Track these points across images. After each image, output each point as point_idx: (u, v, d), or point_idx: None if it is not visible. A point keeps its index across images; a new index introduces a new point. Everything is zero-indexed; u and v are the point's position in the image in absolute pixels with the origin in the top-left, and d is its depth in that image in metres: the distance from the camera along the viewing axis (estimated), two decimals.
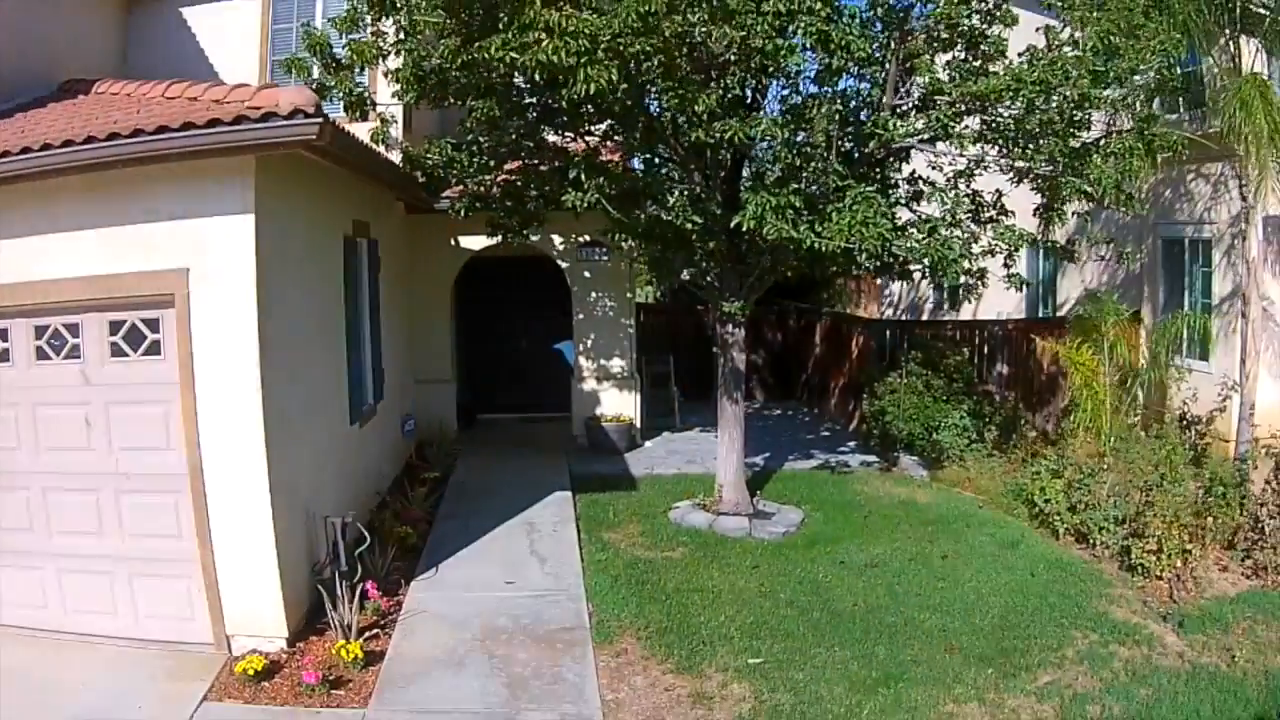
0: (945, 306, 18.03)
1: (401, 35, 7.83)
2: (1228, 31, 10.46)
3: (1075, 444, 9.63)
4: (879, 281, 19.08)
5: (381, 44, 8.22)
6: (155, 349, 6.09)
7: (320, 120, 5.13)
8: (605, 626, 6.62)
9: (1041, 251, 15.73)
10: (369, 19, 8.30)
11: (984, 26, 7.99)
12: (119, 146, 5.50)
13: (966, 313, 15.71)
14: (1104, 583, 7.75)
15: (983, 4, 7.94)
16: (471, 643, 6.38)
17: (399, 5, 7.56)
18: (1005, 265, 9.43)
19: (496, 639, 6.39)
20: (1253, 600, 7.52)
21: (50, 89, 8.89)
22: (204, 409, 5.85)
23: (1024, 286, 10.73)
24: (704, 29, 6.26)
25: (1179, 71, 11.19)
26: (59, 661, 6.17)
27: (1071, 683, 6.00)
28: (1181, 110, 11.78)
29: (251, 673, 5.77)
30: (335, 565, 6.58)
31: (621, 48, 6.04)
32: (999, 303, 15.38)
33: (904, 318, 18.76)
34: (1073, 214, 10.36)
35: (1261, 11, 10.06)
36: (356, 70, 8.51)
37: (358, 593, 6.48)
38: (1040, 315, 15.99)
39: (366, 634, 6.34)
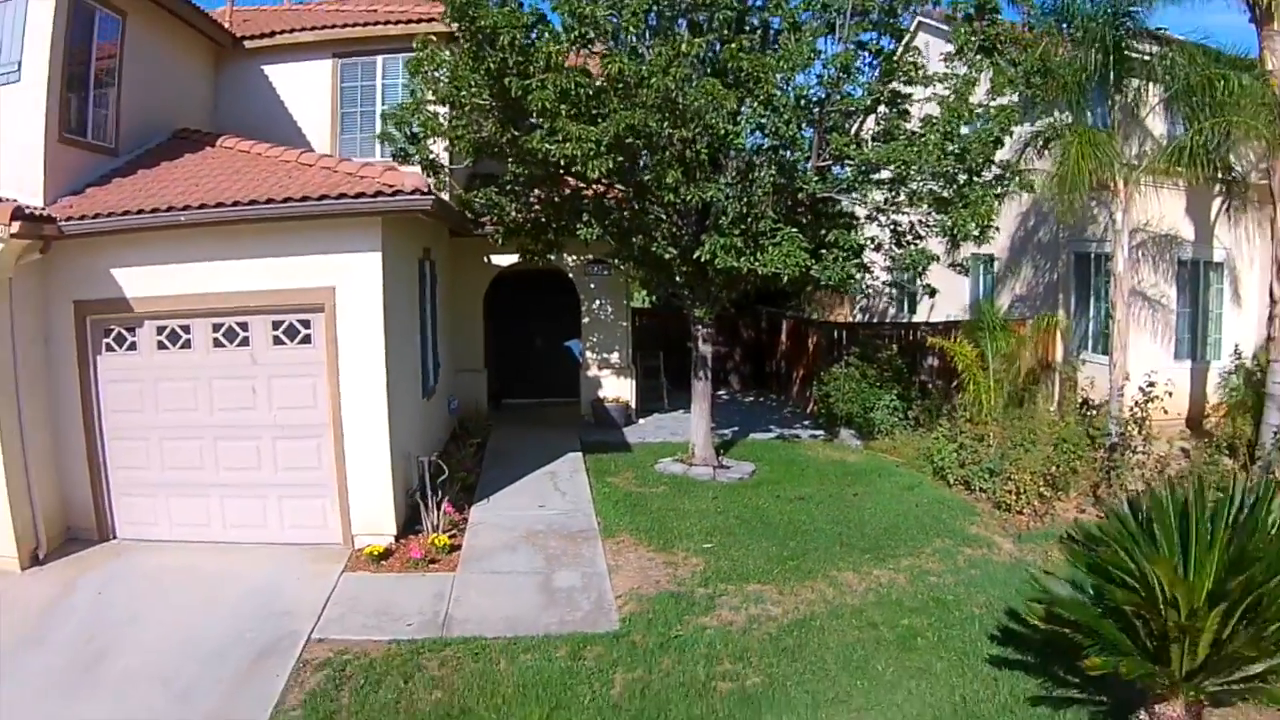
0: (905, 310, 21.03)
1: (458, 115, 10.77)
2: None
3: (964, 417, 12.55)
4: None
5: (442, 120, 11.14)
6: (307, 340, 9.01)
7: (432, 197, 8.05)
8: (608, 528, 9.56)
9: (983, 265, 18.81)
10: (432, 105, 11.24)
11: (887, 108, 10.93)
12: (301, 206, 8.42)
13: (925, 315, 18.79)
14: (973, 514, 10.62)
15: (881, 90, 10.86)
16: (519, 538, 9.33)
17: (460, 102, 10.48)
18: (918, 279, 12.40)
19: (536, 536, 9.35)
20: (1080, 525, 10.46)
21: (165, 136, 11.68)
22: (344, 380, 8.77)
23: (934, 294, 13.63)
24: (671, 130, 9.23)
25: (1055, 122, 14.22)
26: (226, 560, 9.00)
27: (923, 565, 8.87)
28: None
29: (374, 555, 8.67)
30: (423, 489, 9.52)
31: (616, 144, 9.00)
32: (948, 307, 18.39)
33: (863, 319, 21.69)
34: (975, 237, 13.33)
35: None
36: (426, 139, 11.45)
37: (440, 508, 9.41)
38: (974, 320, 18.95)
39: (446, 534, 9.28)
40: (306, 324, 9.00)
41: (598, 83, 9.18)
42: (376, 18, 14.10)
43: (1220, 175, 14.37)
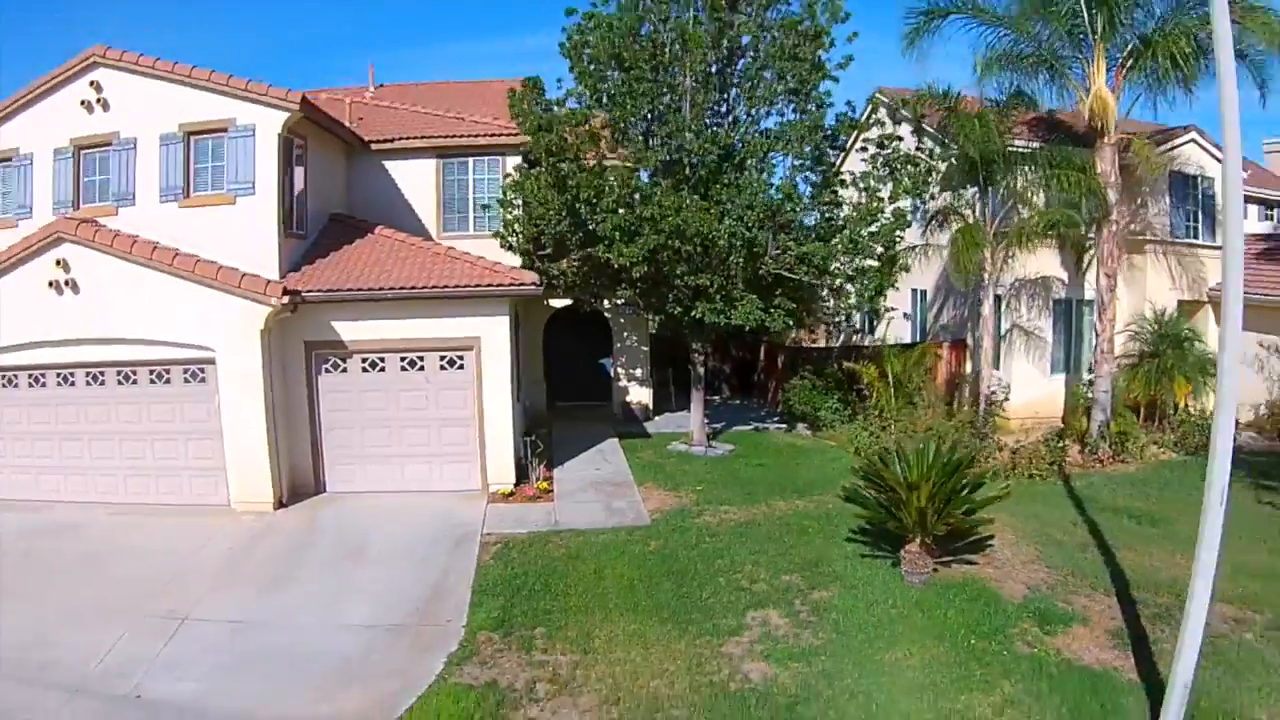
0: (869, 332, 27.14)
1: (542, 221, 16.96)
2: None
3: (874, 414, 18.66)
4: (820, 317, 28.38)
5: (532, 225, 17.32)
6: (461, 367, 15.19)
7: (542, 286, 14.25)
8: (638, 480, 15.77)
9: (920, 297, 24.92)
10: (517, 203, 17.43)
11: (818, 214, 17.07)
12: (461, 289, 14.59)
13: (883, 335, 25.05)
14: None
15: (814, 203, 17.00)
16: (586, 485, 15.56)
17: (545, 216, 16.67)
18: (871, 310, 18.59)
19: (596, 484, 15.58)
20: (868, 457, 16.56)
21: (324, 219, 17.86)
22: (485, 391, 14.96)
23: (874, 326, 19.86)
24: (679, 244, 15.47)
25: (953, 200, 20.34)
26: (410, 500, 15.06)
27: (824, 499, 14.83)
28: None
29: (503, 494, 14.85)
30: (526, 457, 15.68)
31: (648, 255, 15.24)
32: (900, 332, 24.62)
33: (835, 341, 27.82)
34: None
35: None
36: (516, 226, 17.63)
37: (538, 468, 15.58)
38: (913, 342, 25.11)
39: (544, 483, 15.42)
40: (461, 358, 15.17)
41: (636, 211, 15.42)
42: (468, 130, 20.30)
43: (1076, 237, 20.48)
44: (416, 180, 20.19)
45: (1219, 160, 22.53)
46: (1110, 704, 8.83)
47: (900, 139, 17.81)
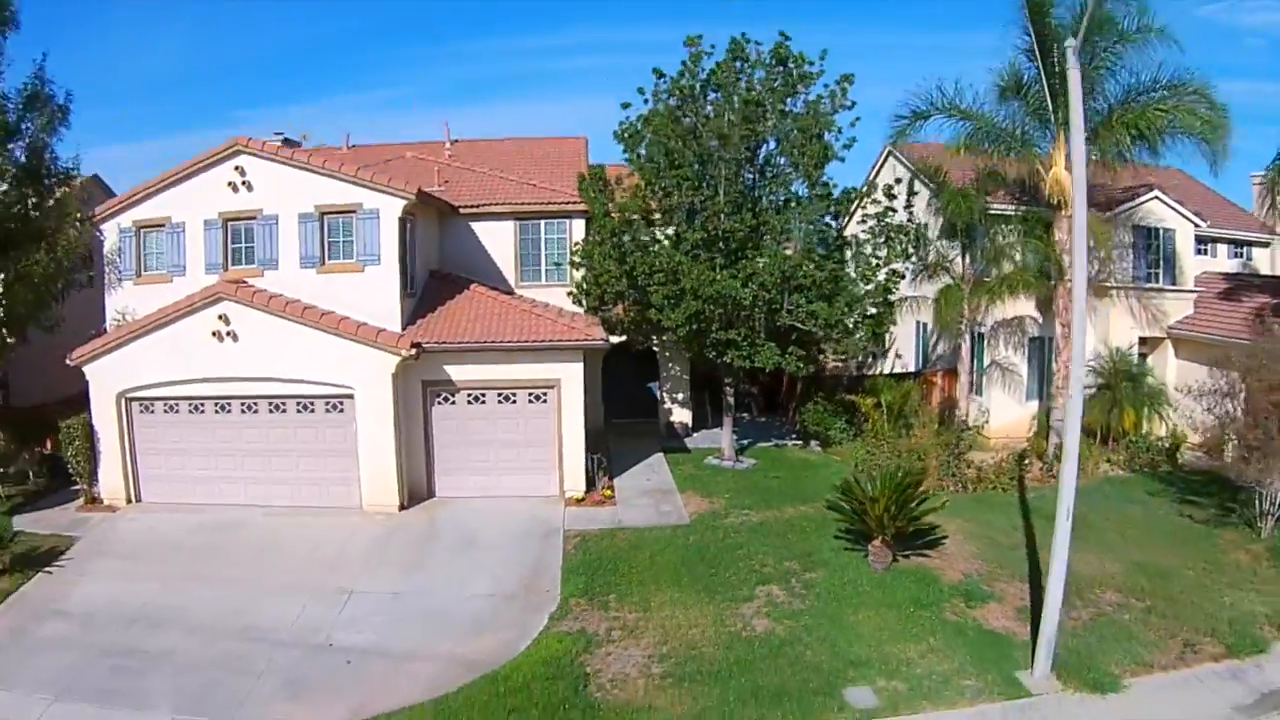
0: (880, 357, 31.34)
1: (598, 277, 21.43)
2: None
3: (872, 435, 22.91)
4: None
5: (589, 277, 21.81)
6: (545, 401, 19.71)
7: (610, 343, 18.74)
8: (680, 489, 20.19)
9: (922, 329, 29.14)
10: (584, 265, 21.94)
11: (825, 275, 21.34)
12: (545, 344, 19.14)
13: (890, 364, 29.30)
14: None
15: (824, 267, 21.25)
16: (641, 492, 20.03)
17: (601, 274, 21.13)
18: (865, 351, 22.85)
19: (648, 492, 20.04)
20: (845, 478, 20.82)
21: (425, 275, 22.45)
22: (564, 419, 19.46)
23: (878, 357, 24.13)
24: (713, 307, 19.86)
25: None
26: (504, 504, 19.51)
27: (824, 506, 19.28)
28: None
29: (576, 499, 19.33)
30: (594, 470, 20.17)
31: (690, 316, 19.69)
32: (907, 358, 28.90)
33: (850, 368, 32.04)
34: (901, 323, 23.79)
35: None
36: (584, 286, 22.10)
37: (602, 479, 20.07)
38: (916, 370, 29.32)
39: (607, 490, 19.92)
40: (545, 394, 19.70)
41: (680, 283, 19.87)
42: (539, 197, 24.78)
43: (1045, 286, 24.55)
44: (497, 238, 24.74)
45: (1181, 215, 26.59)
46: (1003, 654, 13.10)
47: (894, 210, 22.04)
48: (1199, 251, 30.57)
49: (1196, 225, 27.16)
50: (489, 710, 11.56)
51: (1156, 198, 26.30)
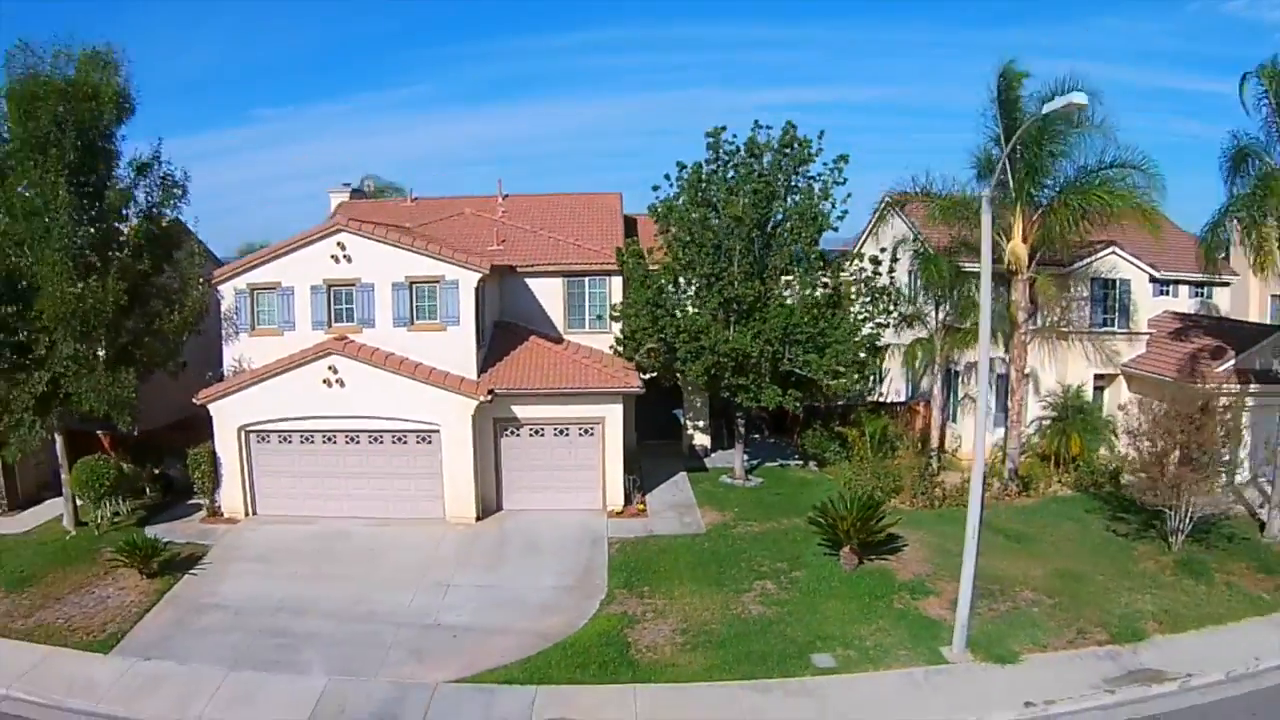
0: (877, 384, 36.21)
1: (634, 332, 26.53)
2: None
3: (859, 458, 27.81)
4: None
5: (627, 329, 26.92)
6: (592, 434, 24.82)
7: (643, 388, 23.86)
8: (699, 504, 25.25)
9: (911, 369, 33.97)
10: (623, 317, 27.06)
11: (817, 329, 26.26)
12: (592, 389, 24.29)
13: (887, 392, 34.21)
14: None
15: (817, 324, 26.17)
16: (668, 506, 25.17)
17: (638, 330, 26.24)
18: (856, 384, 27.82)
19: (673, 506, 25.14)
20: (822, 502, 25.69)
21: (491, 325, 27.63)
22: (607, 448, 24.58)
23: (873, 388, 29.06)
24: (726, 360, 24.92)
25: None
26: (558, 515, 24.60)
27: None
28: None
29: (615, 513, 24.43)
30: (630, 486, 25.26)
31: (708, 367, 24.79)
32: (900, 390, 33.84)
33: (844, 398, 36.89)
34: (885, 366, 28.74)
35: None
36: (622, 337, 27.21)
37: (636, 495, 25.18)
38: (905, 399, 34.19)
39: (640, 505, 25.03)
40: (592, 429, 24.80)
41: (700, 341, 24.92)
42: (584, 258, 29.85)
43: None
44: (548, 292, 29.87)
45: (1136, 266, 31.19)
46: (933, 635, 17.93)
47: (879, 274, 26.95)
48: (1161, 291, 35.26)
49: (1151, 274, 31.75)
50: (560, 666, 16.63)
51: (1114, 252, 30.83)
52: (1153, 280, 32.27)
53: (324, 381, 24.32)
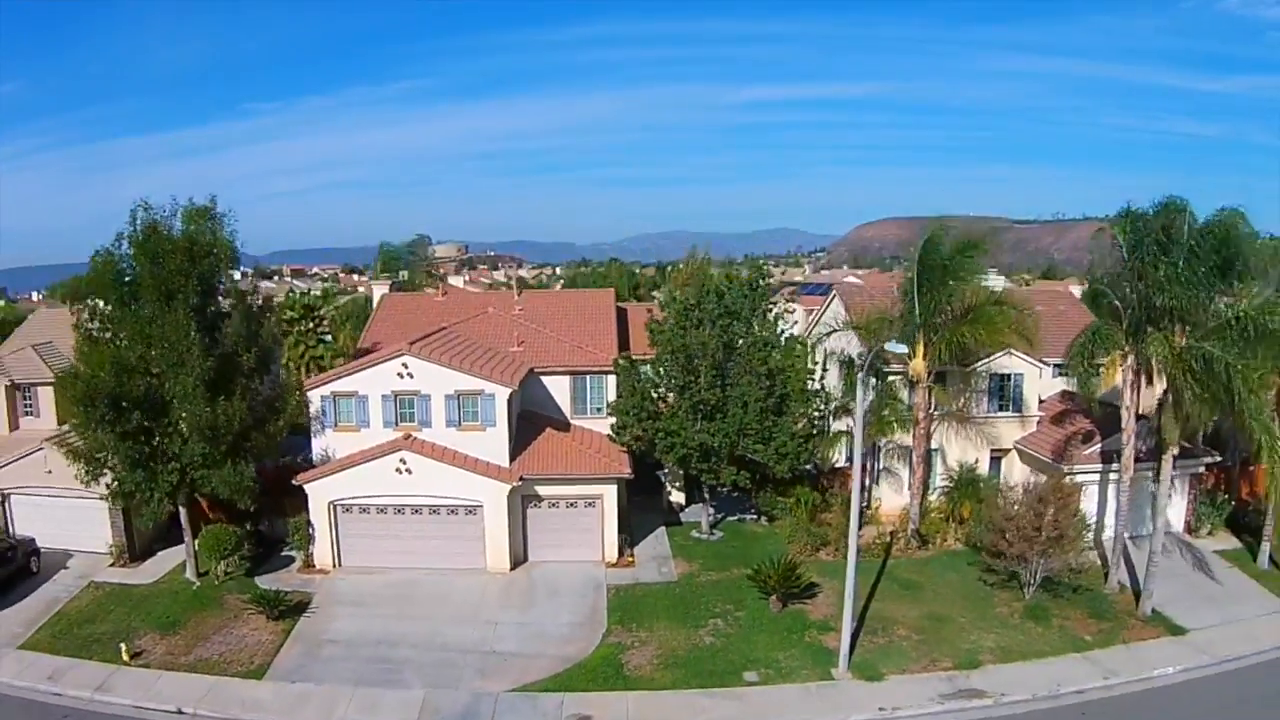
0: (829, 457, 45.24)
1: (627, 425, 35.66)
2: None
3: (796, 519, 36.94)
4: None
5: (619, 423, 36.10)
6: (594, 506, 33.87)
7: (632, 475, 33.00)
8: (674, 556, 34.33)
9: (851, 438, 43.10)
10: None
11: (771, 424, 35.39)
12: (596, 476, 33.43)
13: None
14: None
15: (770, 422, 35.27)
16: (649, 558, 34.21)
17: (632, 425, 35.40)
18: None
19: (654, 558, 34.21)
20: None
21: (516, 418, 36.69)
22: (605, 515, 33.66)
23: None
24: (695, 450, 34.13)
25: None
26: (569, 566, 33.64)
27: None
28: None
29: (610, 564, 33.51)
30: (622, 543, 34.39)
31: (680, 457, 33.98)
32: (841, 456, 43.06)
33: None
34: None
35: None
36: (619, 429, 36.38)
37: (627, 548, 34.29)
38: (844, 465, 43.30)
39: (630, 558, 34.16)
40: (595, 501, 33.84)
41: (675, 435, 34.03)
42: (587, 360, 38.84)
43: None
44: (559, 386, 38.86)
45: (1028, 363, 40.22)
46: (830, 660, 26.90)
47: (813, 380, 36.15)
48: (1062, 371, 44.27)
49: (1041, 369, 40.76)
50: (578, 680, 25.62)
51: (1009, 353, 39.83)
52: (1046, 364, 40.96)
53: (395, 469, 33.26)
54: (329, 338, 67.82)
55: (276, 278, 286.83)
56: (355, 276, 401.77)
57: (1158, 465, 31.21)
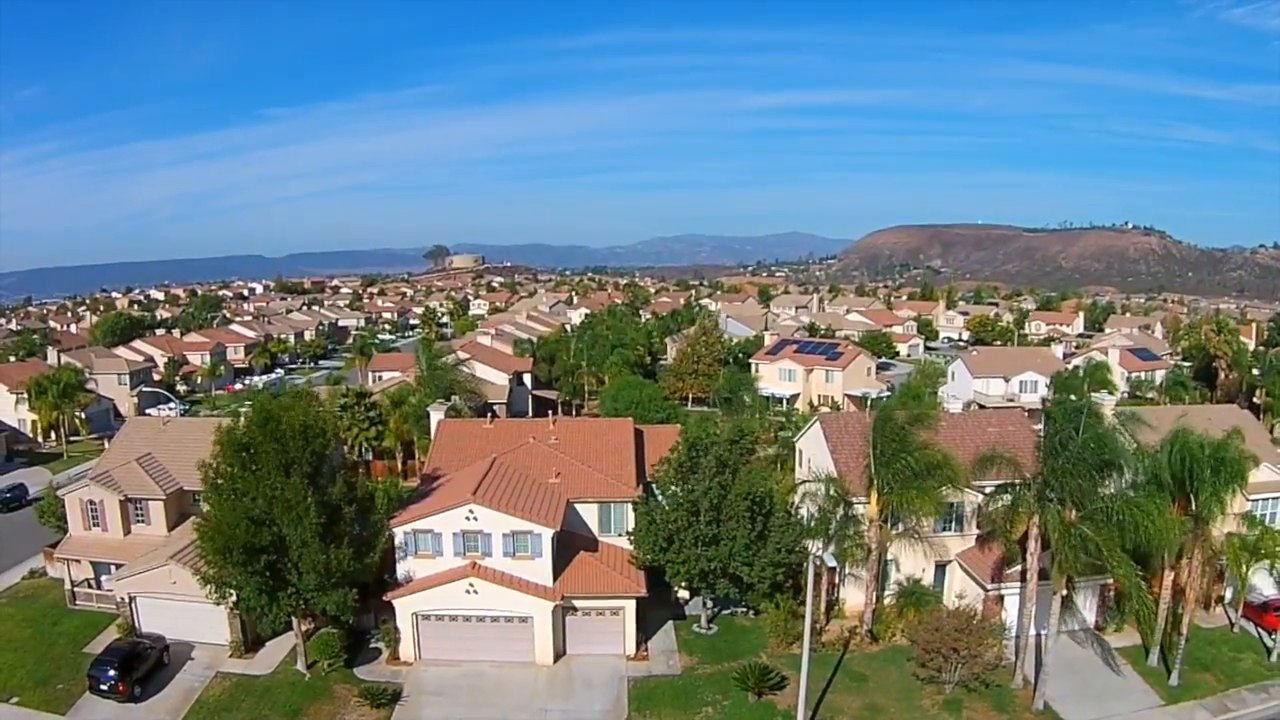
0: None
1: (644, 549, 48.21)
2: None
3: (772, 624, 49.27)
4: None
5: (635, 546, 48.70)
6: (618, 614, 46.22)
7: (647, 594, 45.54)
8: (679, 650, 46.66)
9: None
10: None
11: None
12: (620, 595, 46.00)
13: None
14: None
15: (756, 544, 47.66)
16: (659, 652, 46.54)
17: (648, 550, 47.96)
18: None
19: (663, 652, 46.49)
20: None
21: (557, 540, 49.28)
22: (626, 621, 46.09)
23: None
24: (697, 570, 46.70)
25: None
26: (597, 659, 46.02)
27: (744, 661, 45.58)
28: None
29: (629, 658, 45.72)
30: (639, 640, 47.00)
31: (687, 574, 46.72)
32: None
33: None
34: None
35: None
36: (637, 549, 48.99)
37: (643, 643, 46.91)
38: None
39: (644, 652, 46.74)
40: (619, 611, 46.01)
41: (680, 556, 46.54)
42: (610, 491, 51.30)
43: None
44: (589, 512, 51.18)
45: (968, 492, 52.41)
46: None
47: (790, 514, 48.61)
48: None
49: (980, 495, 52.79)
50: None
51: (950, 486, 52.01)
52: (984, 493, 52.98)
53: (464, 590, 45.55)
54: (380, 424, 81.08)
55: (301, 304, 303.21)
56: (371, 290, 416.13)
57: (1070, 586, 42.26)
